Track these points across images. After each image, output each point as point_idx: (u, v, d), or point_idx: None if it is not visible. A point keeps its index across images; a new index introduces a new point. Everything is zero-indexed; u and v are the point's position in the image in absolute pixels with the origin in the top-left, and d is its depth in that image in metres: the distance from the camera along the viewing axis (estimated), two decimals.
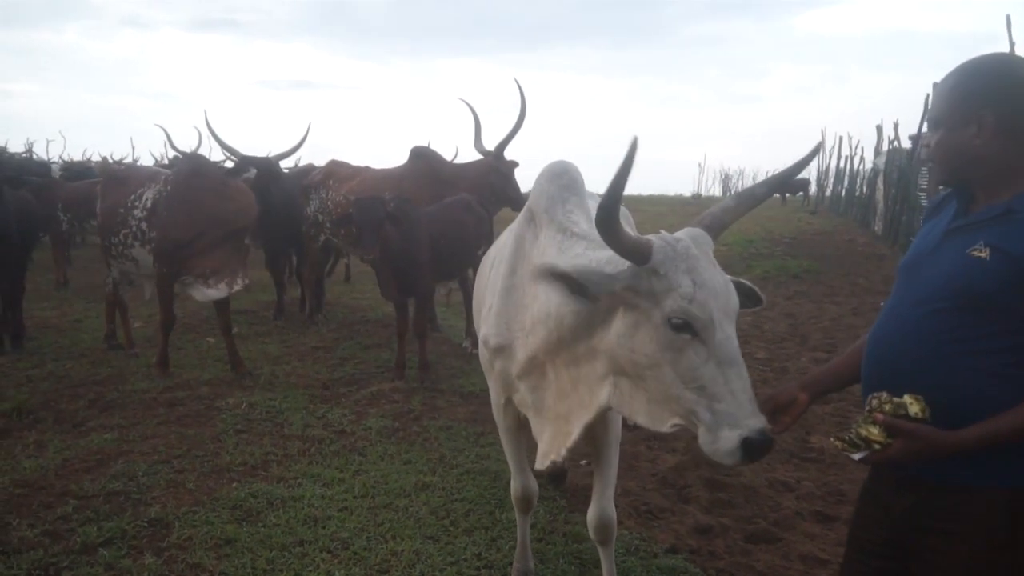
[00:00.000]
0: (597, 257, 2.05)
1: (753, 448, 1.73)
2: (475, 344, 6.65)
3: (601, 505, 2.67)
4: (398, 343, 5.93)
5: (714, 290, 1.82)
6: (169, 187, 5.68)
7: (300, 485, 3.90)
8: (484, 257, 3.27)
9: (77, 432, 4.56)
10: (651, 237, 1.92)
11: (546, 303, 2.20)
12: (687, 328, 1.80)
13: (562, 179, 2.55)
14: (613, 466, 2.68)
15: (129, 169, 6.74)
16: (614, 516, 2.70)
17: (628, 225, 2.46)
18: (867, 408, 1.63)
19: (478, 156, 7.21)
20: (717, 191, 47.99)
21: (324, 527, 3.45)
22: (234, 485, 3.87)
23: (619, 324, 1.93)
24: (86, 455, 4.18)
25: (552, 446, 2.40)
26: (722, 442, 1.76)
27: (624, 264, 1.87)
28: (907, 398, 1.58)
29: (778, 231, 18.19)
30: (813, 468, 4.31)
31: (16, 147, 16.83)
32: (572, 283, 1.90)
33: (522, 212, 2.64)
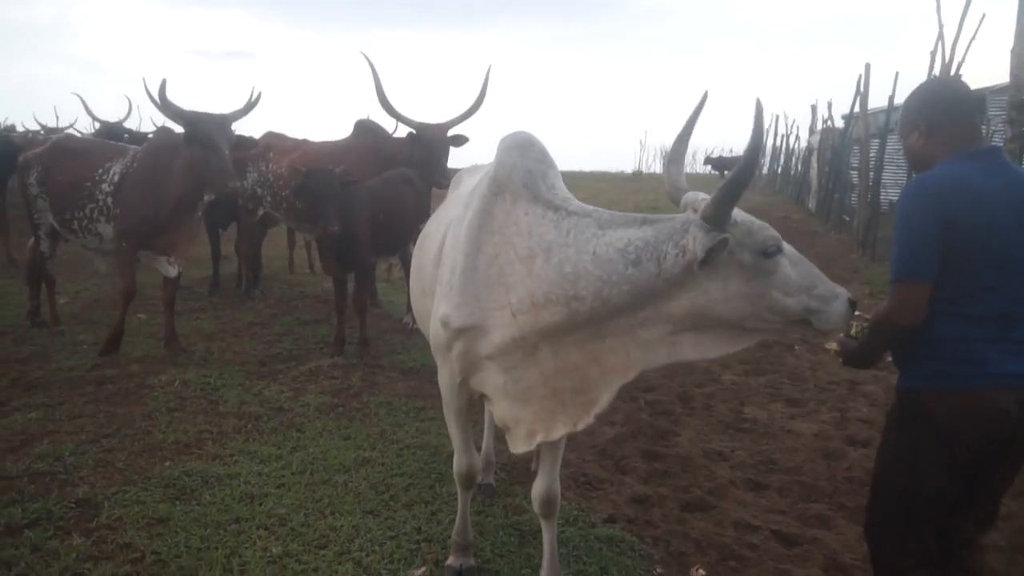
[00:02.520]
0: (653, 234, 2.19)
1: (854, 304, 2.15)
2: (415, 320, 6.63)
3: (548, 481, 2.68)
4: (337, 318, 5.85)
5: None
6: (136, 163, 5.47)
7: (236, 462, 3.82)
8: (423, 233, 3.20)
9: None
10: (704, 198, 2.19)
11: (570, 287, 2.23)
12: (778, 249, 2.12)
13: (532, 151, 2.51)
14: (562, 443, 2.67)
15: (84, 141, 6.42)
16: (559, 491, 2.72)
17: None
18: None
19: (388, 117, 6.96)
20: (658, 168, 48.52)
21: (261, 504, 3.39)
22: (167, 464, 3.78)
23: (707, 285, 2.12)
24: (9, 435, 4.02)
25: (547, 424, 2.41)
26: (836, 313, 2.13)
27: (718, 233, 2.06)
28: (852, 324, 2.31)
29: None
30: (747, 438, 4.43)
31: None
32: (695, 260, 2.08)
33: (484, 185, 2.51)
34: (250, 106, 5.73)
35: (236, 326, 6.59)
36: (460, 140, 6.85)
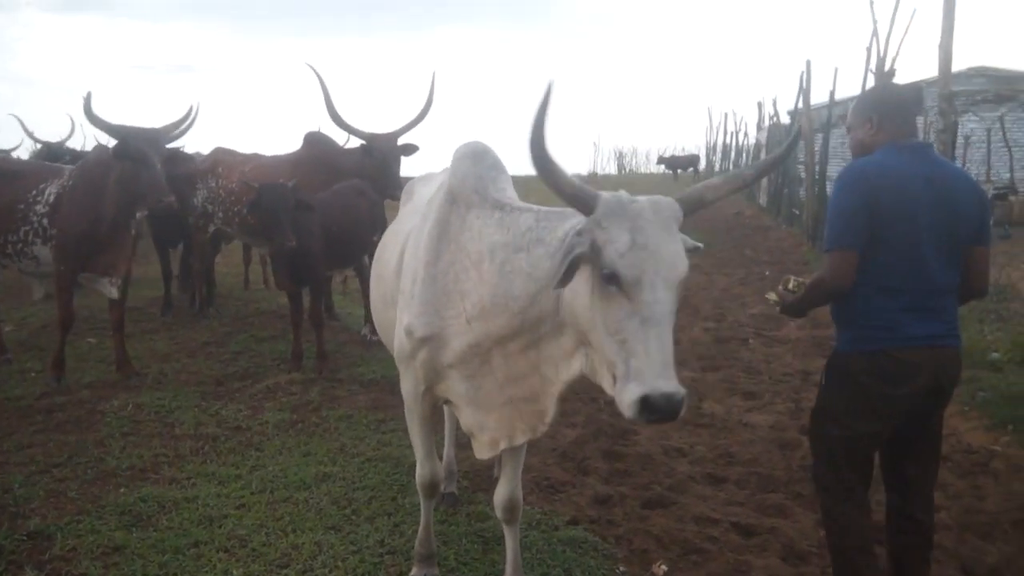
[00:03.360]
0: (564, 227, 2.12)
1: (651, 406, 1.82)
2: (374, 331, 6.59)
3: (511, 487, 2.70)
4: (294, 333, 5.80)
5: (653, 254, 1.89)
6: (71, 180, 5.35)
7: (194, 485, 3.77)
8: (381, 244, 3.21)
9: None
10: (604, 192, 2.01)
11: (508, 286, 2.21)
12: (614, 280, 1.88)
13: (485, 160, 2.56)
14: (523, 448, 2.70)
15: (19, 162, 6.24)
16: (521, 496, 2.75)
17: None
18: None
19: (337, 129, 6.93)
20: (612, 169, 48.97)
21: (220, 526, 3.35)
22: (122, 491, 3.70)
23: (574, 283, 1.99)
24: None
25: (508, 431, 2.43)
26: (626, 394, 1.86)
27: (577, 241, 1.97)
28: (791, 279, 2.74)
29: None
30: (705, 433, 4.50)
31: None
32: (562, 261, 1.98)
33: (440, 196, 2.55)
34: (185, 121, 5.61)
35: (190, 346, 6.48)
36: (410, 149, 6.85)
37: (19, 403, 4.94)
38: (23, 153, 12.09)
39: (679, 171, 33.86)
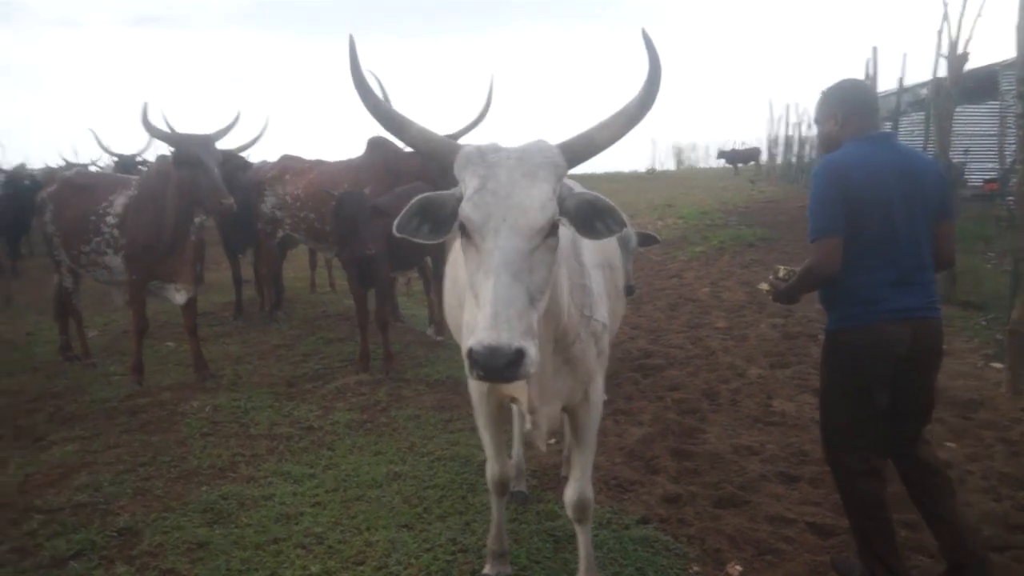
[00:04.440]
0: None
1: (473, 359, 1.67)
2: (439, 331, 6.68)
3: (580, 486, 2.69)
4: (361, 335, 5.91)
5: (501, 197, 1.80)
6: (136, 191, 5.57)
7: (271, 484, 3.88)
8: (455, 246, 3.25)
9: (38, 447, 4.47)
10: (467, 144, 1.96)
11: None
12: (465, 230, 1.83)
13: None
14: (592, 447, 2.70)
15: (91, 176, 6.53)
16: (592, 496, 2.74)
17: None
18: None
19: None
20: (671, 165, 48.40)
21: (297, 523, 3.44)
22: (203, 488, 3.84)
23: None
24: (49, 469, 4.10)
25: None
26: (462, 351, 1.76)
27: None
28: (781, 268, 3.02)
29: (731, 201, 18.46)
30: (776, 431, 4.42)
31: None
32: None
33: None
34: (234, 125, 5.71)
35: (262, 348, 6.67)
36: None
37: (105, 405, 5.17)
38: (100, 167, 12.62)
39: (740, 165, 33.25)
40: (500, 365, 1.65)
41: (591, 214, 1.97)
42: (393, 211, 5.96)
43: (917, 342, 2.66)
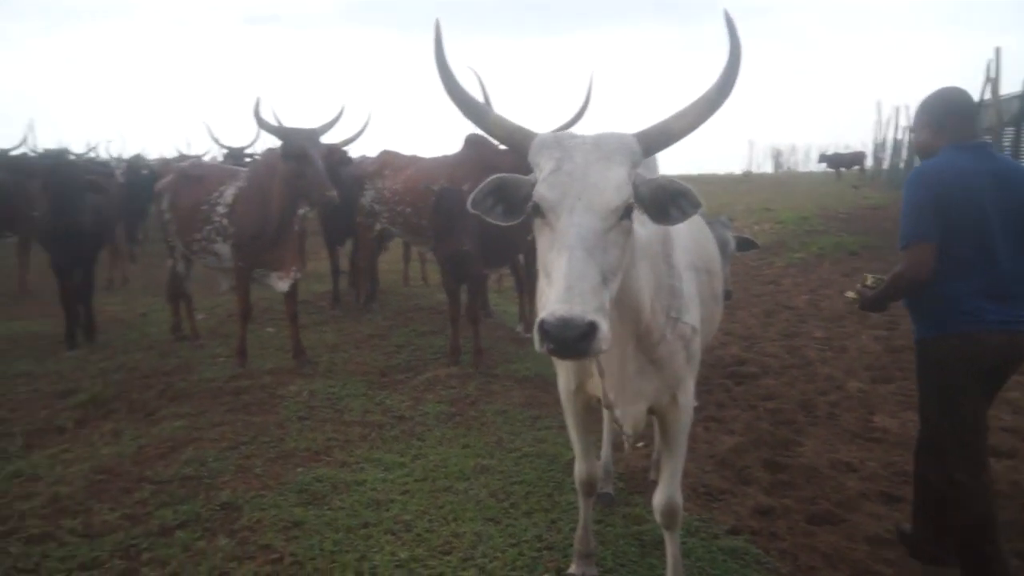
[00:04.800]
0: None
1: (544, 331, 1.65)
2: (528, 328, 6.70)
3: (669, 491, 2.65)
4: (451, 329, 6.00)
5: (576, 177, 1.81)
6: (244, 182, 5.83)
7: (362, 469, 3.99)
8: None
9: (149, 421, 4.74)
10: (543, 133, 1.99)
11: None
12: (539, 211, 1.84)
13: None
14: (682, 453, 2.65)
15: (204, 167, 6.89)
16: (681, 502, 2.69)
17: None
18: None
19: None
20: (768, 168, 46.98)
21: (387, 510, 3.53)
22: (299, 470, 3.98)
23: None
24: (159, 442, 4.35)
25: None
26: (535, 326, 1.72)
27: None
28: (869, 276, 3.13)
29: (833, 207, 17.75)
30: (878, 448, 4.23)
31: (78, 147, 17.32)
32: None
33: None
34: (337, 120, 5.85)
35: (356, 338, 6.86)
36: None
37: (211, 384, 5.43)
38: (215, 157, 13.25)
39: (842, 169, 31.95)
40: (573, 336, 1.64)
41: (665, 199, 1.96)
42: None
43: (1004, 355, 2.69)
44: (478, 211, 2.06)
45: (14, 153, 10.94)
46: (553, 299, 1.69)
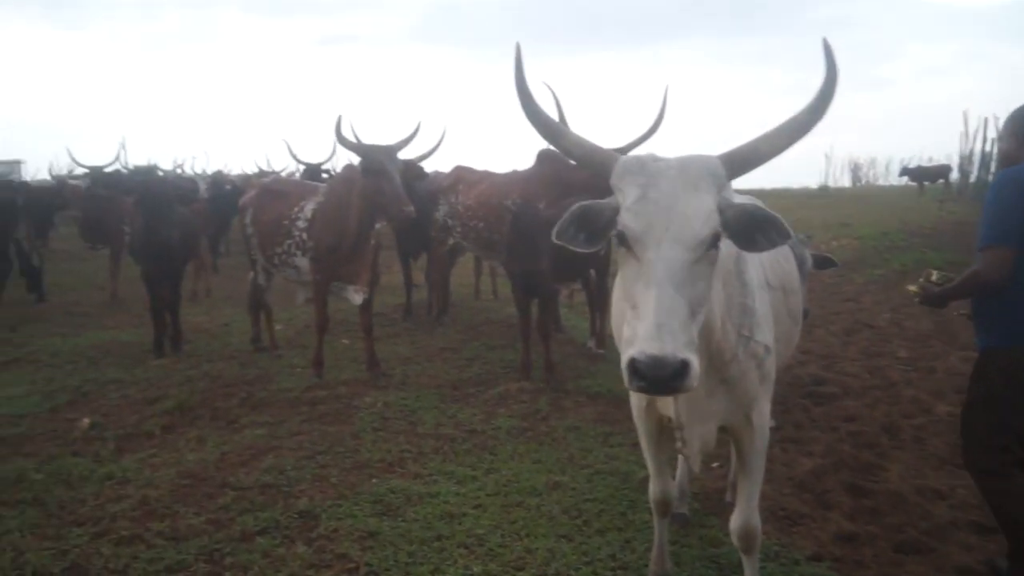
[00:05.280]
0: None
1: (635, 370, 1.66)
2: (599, 344, 6.67)
3: (746, 514, 2.60)
4: (523, 344, 6.01)
5: (663, 208, 1.76)
6: (324, 198, 6.00)
7: (435, 482, 4.03)
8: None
9: (232, 428, 4.90)
10: (625, 156, 1.96)
11: None
12: (624, 240, 1.81)
13: None
14: (759, 474, 2.59)
15: (285, 183, 7.11)
16: (759, 525, 2.63)
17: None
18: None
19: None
20: (846, 182, 45.50)
21: (460, 523, 3.55)
22: (374, 481, 4.05)
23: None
24: (240, 449, 4.49)
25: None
26: (622, 361, 1.73)
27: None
28: (934, 272, 3.09)
29: (915, 222, 17.07)
30: (968, 476, 4.02)
31: (165, 164, 18.11)
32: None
33: None
34: (413, 136, 5.92)
35: (429, 351, 6.95)
36: None
37: (289, 394, 5.58)
38: (292, 173, 13.66)
39: (926, 183, 30.75)
40: (665, 376, 1.65)
41: (751, 226, 1.91)
42: None
43: None
44: (562, 241, 2.03)
45: (108, 170, 11.56)
46: (642, 336, 1.68)
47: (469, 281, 10.36)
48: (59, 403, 5.49)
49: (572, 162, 8.02)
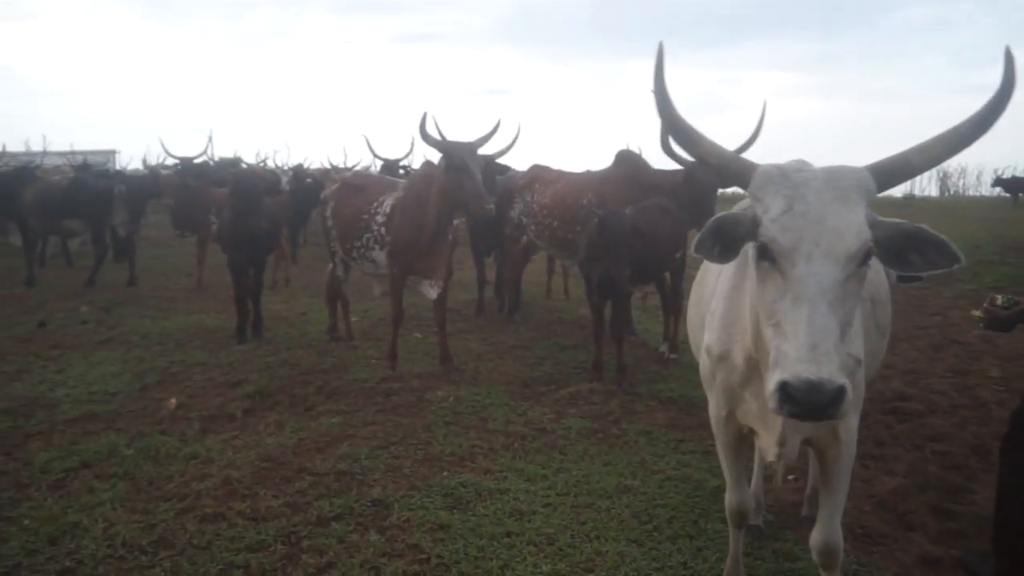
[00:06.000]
0: None
1: (788, 395, 1.58)
2: (672, 349, 6.59)
3: (828, 531, 2.53)
4: (595, 345, 5.98)
5: (812, 221, 1.68)
6: (403, 193, 6.11)
7: (505, 478, 4.05)
8: (703, 267, 3.20)
9: (309, 415, 5.04)
10: (765, 164, 1.88)
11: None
12: (767, 254, 1.73)
13: None
14: (843, 491, 2.53)
15: (366, 177, 7.29)
16: (841, 542, 2.56)
17: None
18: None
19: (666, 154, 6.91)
20: (933, 191, 43.67)
21: (530, 521, 3.56)
22: (445, 474, 4.10)
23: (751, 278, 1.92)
24: (317, 436, 4.61)
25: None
26: (768, 384, 1.65)
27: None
28: (999, 297, 2.98)
29: (1010, 235, 16.25)
30: None
31: (248, 157, 18.71)
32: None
33: None
34: (492, 134, 5.93)
35: (500, 348, 6.99)
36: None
37: (364, 384, 5.71)
38: (371, 168, 13.94)
39: (1020, 195, 29.23)
40: (823, 403, 1.57)
41: (906, 244, 1.82)
42: (647, 229, 5.98)
43: None
44: (701, 254, 1.96)
45: (197, 161, 12.01)
46: (794, 358, 1.61)
47: (541, 279, 10.38)
48: (148, 383, 5.75)
49: (651, 164, 7.93)
